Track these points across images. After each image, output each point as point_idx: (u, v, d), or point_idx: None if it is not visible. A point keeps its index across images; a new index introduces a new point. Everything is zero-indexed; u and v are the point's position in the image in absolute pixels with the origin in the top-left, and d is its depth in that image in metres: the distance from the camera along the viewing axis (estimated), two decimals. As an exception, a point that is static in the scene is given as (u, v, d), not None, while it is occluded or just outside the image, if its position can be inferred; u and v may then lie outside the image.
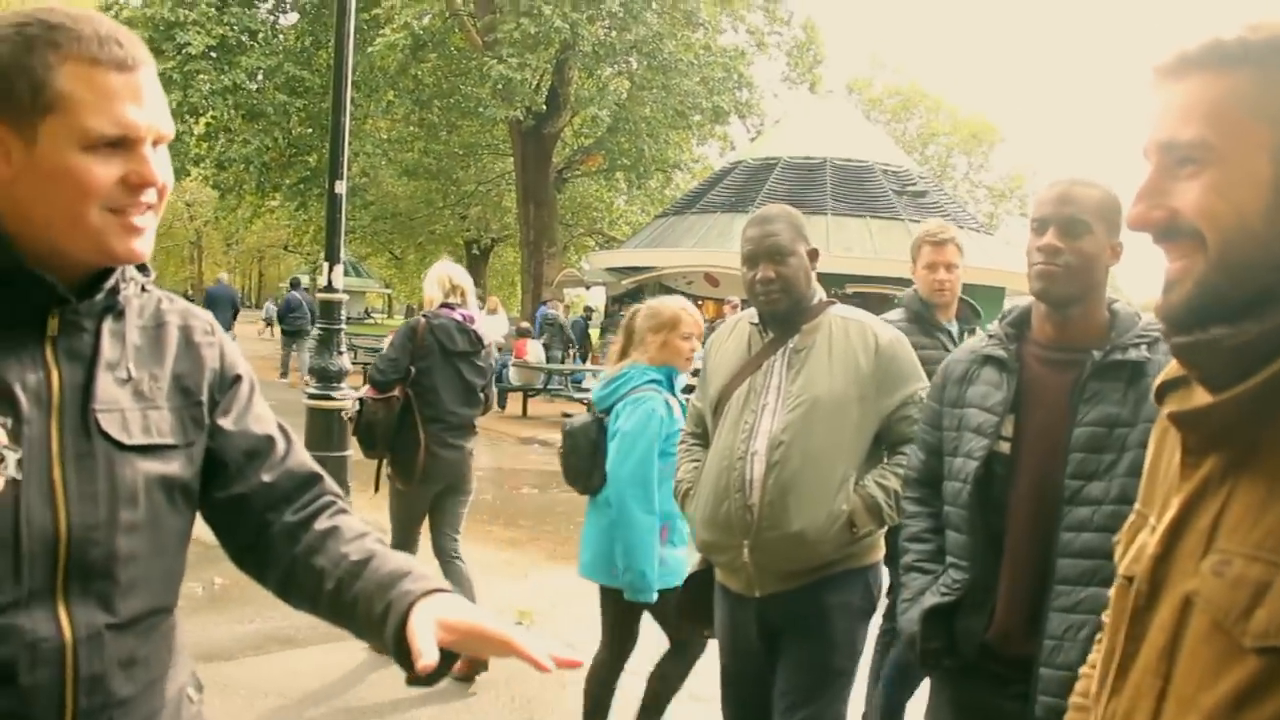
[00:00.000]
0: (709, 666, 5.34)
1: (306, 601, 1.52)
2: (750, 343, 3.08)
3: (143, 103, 1.30)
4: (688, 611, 3.38)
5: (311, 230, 34.57)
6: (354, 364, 16.66)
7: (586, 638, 5.85)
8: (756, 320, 3.08)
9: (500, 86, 22.78)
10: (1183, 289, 1.10)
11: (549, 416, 17.67)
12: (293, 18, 28.37)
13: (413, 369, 5.28)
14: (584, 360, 24.47)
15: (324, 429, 7.81)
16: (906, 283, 17.78)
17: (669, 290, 22.91)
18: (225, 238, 62.81)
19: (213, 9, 24.45)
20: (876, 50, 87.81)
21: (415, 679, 1.32)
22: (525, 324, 20.74)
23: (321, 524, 1.53)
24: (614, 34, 23.38)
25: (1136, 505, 1.26)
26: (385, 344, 5.72)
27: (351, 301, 48.61)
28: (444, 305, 5.42)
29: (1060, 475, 2.21)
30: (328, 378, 8.00)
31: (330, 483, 1.61)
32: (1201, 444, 1.11)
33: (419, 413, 5.31)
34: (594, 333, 26.36)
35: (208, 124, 26.21)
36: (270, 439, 1.57)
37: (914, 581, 2.51)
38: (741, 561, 2.91)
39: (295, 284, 23.61)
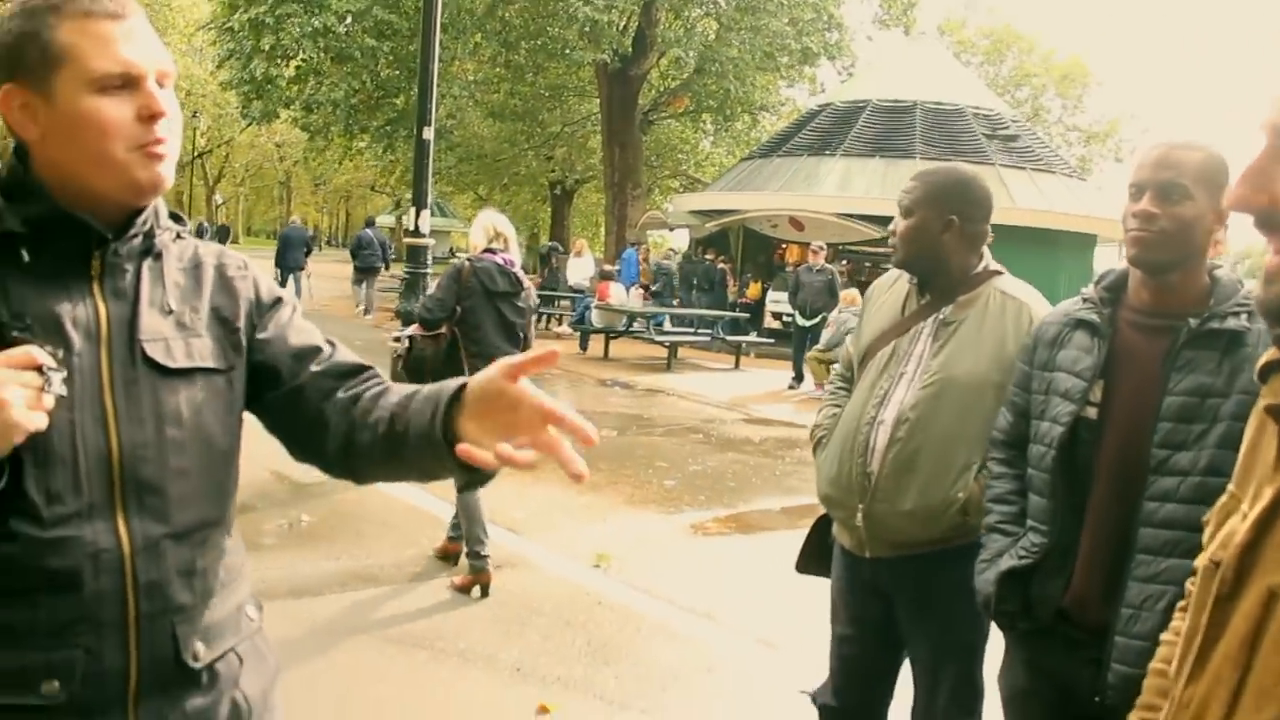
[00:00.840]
0: (780, 614, 5.39)
1: (366, 456, 1.59)
2: (905, 302, 2.99)
3: (136, 44, 1.43)
4: (810, 555, 3.35)
5: (398, 171, 34.94)
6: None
7: (663, 583, 5.94)
8: (914, 279, 2.98)
9: (587, 29, 22.70)
10: None
11: (630, 359, 17.76)
12: (381, -40, 28.44)
13: (458, 309, 5.71)
14: (670, 303, 24.47)
15: (409, 371, 7.90)
16: (994, 229, 17.42)
17: (753, 234, 22.77)
18: (314, 178, 63.73)
19: (304, -47, 24.63)
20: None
21: (467, 484, 1.51)
22: (609, 266, 20.74)
23: (372, 390, 1.64)
24: (702, -27, 23.09)
25: (1230, 487, 1.22)
26: (433, 285, 6.14)
27: (436, 241, 49.06)
28: (487, 250, 5.86)
29: (1147, 444, 2.16)
30: (414, 321, 8.08)
31: (379, 371, 1.71)
32: None
33: (465, 349, 5.73)
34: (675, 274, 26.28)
35: (297, 67, 26.48)
36: (316, 345, 1.69)
37: (994, 543, 2.48)
38: (855, 523, 2.90)
39: (370, 222, 24.69)
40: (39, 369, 1.29)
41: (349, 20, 25.69)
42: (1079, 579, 2.29)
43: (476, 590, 5.54)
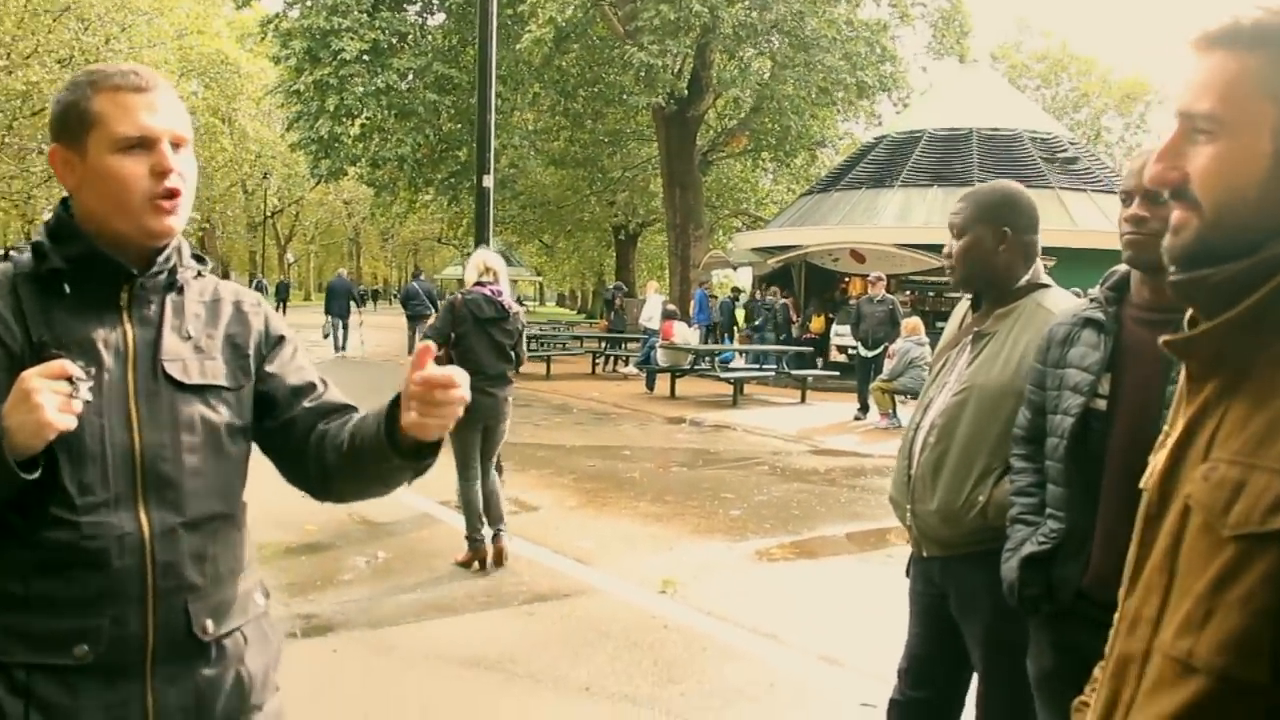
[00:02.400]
0: (844, 632, 5.51)
1: (335, 475, 1.89)
2: (964, 319, 3.20)
3: (157, 112, 1.73)
4: None
5: (465, 223, 35.55)
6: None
7: (729, 606, 6.08)
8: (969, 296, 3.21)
9: (642, 73, 23.05)
10: (1184, 236, 1.24)
11: (696, 396, 17.91)
12: (440, 18, 29.23)
13: (454, 334, 6.68)
14: (730, 340, 24.62)
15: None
16: (1056, 252, 17.31)
17: (815, 269, 22.87)
18: (381, 232, 65.01)
19: (364, 15, 25.42)
20: (1023, 14, 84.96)
21: (415, 472, 1.79)
22: (672, 306, 20.95)
23: (342, 420, 1.93)
24: (754, 14, 23.36)
25: (1165, 426, 1.39)
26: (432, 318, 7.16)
27: (504, 290, 49.61)
28: (478, 284, 6.83)
29: (1154, 431, 2.28)
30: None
31: (359, 409, 1.99)
32: (1202, 370, 1.26)
33: (461, 368, 6.19)
34: (739, 313, 26.45)
35: (362, 125, 27.24)
36: (311, 383, 1.98)
37: (1017, 533, 2.62)
38: (909, 523, 3.12)
39: (416, 274, 26.71)
40: (69, 379, 1.57)
41: (410, 77, 26.43)
42: (1096, 560, 2.43)
43: (476, 564, 6.64)
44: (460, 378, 1.66)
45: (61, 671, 1.65)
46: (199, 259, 1.92)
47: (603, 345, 24.39)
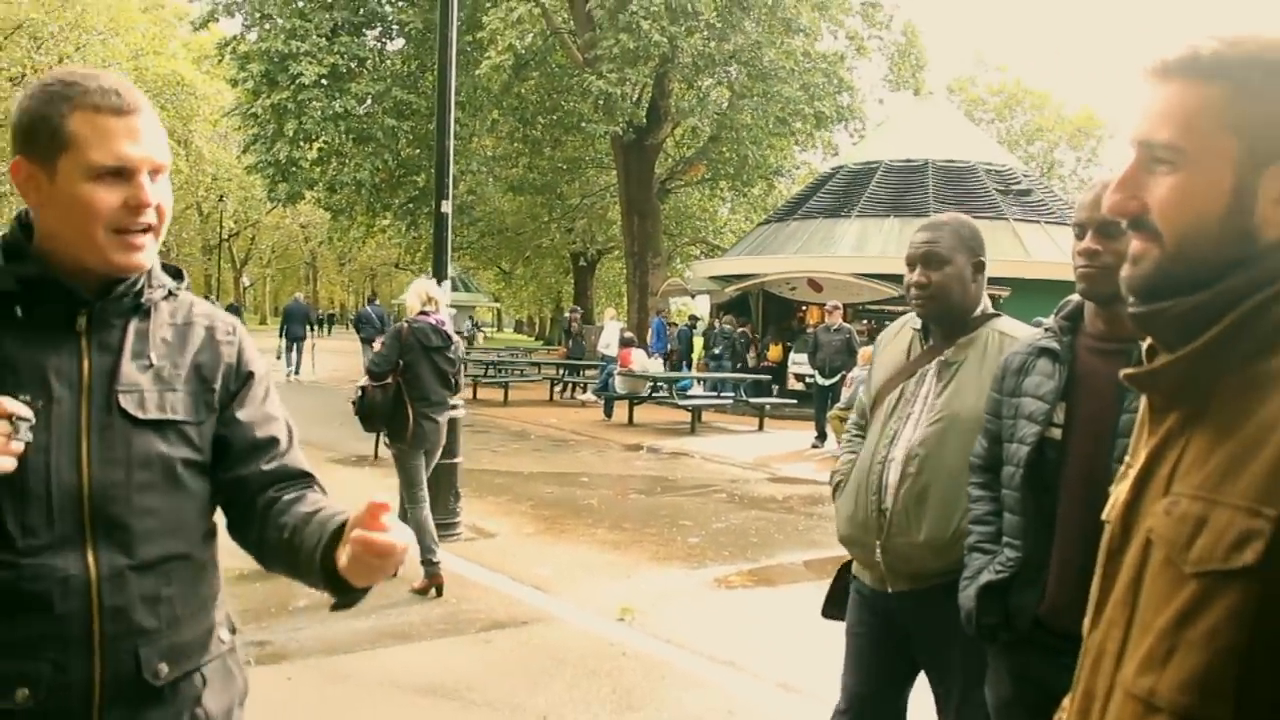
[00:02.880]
0: (802, 660, 5.51)
1: (272, 554, 1.80)
2: (910, 347, 3.16)
3: (138, 140, 1.62)
4: (835, 599, 3.49)
5: (422, 248, 35.39)
6: (465, 377, 17.10)
7: (687, 634, 6.08)
8: (917, 325, 3.17)
9: (601, 102, 23.13)
10: (1144, 267, 1.25)
11: (655, 423, 17.92)
12: (399, 44, 29.19)
13: (400, 362, 6.87)
14: (688, 368, 24.67)
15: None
16: (1010, 282, 17.57)
17: (773, 297, 22.99)
18: (339, 257, 64.55)
19: (323, 39, 25.35)
20: (979, 49, 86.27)
21: (338, 604, 1.70)
22: (630, 334, 20.99)
23: (290, 496, 1.82)
24: (713, 44, 23.51)
25: (1127, 458, 1.39)
26: (378, 345, 7.66)
27: (460, 315, 49.59)
28: (421, 313, 7.02)
29: (1107, 459, 2.33)
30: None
31: (317, 481, 1.90)
32: (1163, 402, 1.27)
33: (408, 394, 6.87)
34: (698, 341, 26.53)
35: (320, 149, 27.13)
36: (274, 439, 1.86)
37: (974, 561, 2.64)
38: (874, 559, 3.04)
39: (370, 299, 27.34)
40: (9, 418, 1.50)
41: (369, 102, 26.32)
42: (1052, 589, 2.45)
43: (433, 590, 6.62)
44: (402, 544, 1.52)
45: (4, 716, 1.57)
46: (176, 274, 1.82)
47: (561, 372, 24.36)
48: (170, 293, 1.80)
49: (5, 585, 1.56)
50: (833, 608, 3.48)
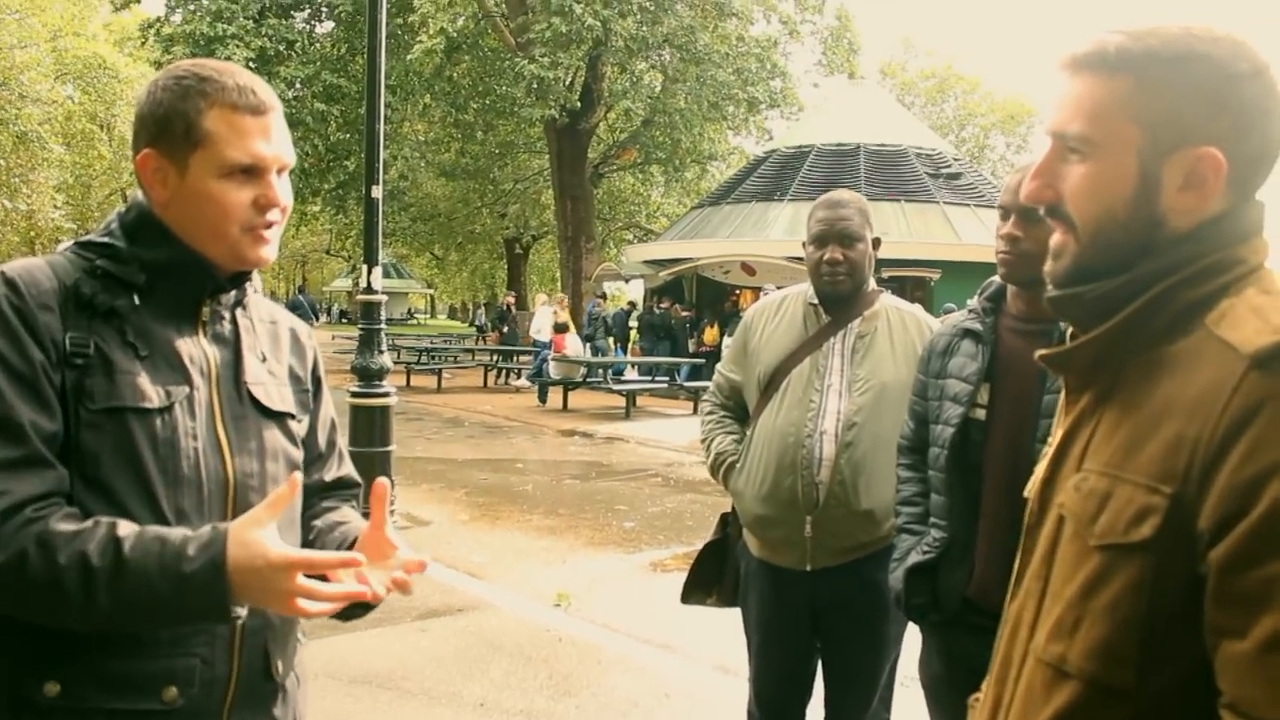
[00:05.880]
0: (738, 642, 5.54)
1: None
2: (805, 321, 3.16)
3: (270, 139, 1.61)
4: (697, 579, 3.53)
5: (352, 234, 35.11)
6: (396, 363, 17.00)
7: (623, 618, 6.09)
8: (814, 300, 3.16)
9: (534, 86, 23.04)
10: (1064, 261, 1.31)
11: (590, 409, 17.93)
12: (328, 26, 28.86)
13: None
14: (623, 353, 24.70)
15: (367, 425, 8.06)
16: (941, 265, 17.79)
17: (707, 281, 23.08)
18: (269, 244, 63.55)
19: (251, 22, 24.98)
20: (909, 33, 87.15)
21: (345, 615, 1.64)
22: (564, 318, 20.95)
23: (332, 503, 1.89)
24: (645, 28, 23.51)
25: (1049, 437, 1.45)
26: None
27: (394, 302, 49.27)
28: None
29: (1031, 439, 2.37)
30: (369, 375, 8.25)
31: (355, 484, 1.96)
32: (1078, 383, 1.32)
33: None
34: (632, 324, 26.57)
35: (249, 133, 26.70)
36: (338, 447, 1.93)
37: (903, 543, 2.68)
38: (800, 536, 3.03)
39: (301, 290, 27.29)
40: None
41: (298, 85, 25.99)
42: (980, 569, 2.49)
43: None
44: (419, 565, 1.59)
45: (146, 717, 1.52)
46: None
47: (495, 358, 24.26)
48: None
49: None
50: (691, 593, 3.52)
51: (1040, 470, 1.36)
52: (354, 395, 8.18)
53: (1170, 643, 1.13)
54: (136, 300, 1.58)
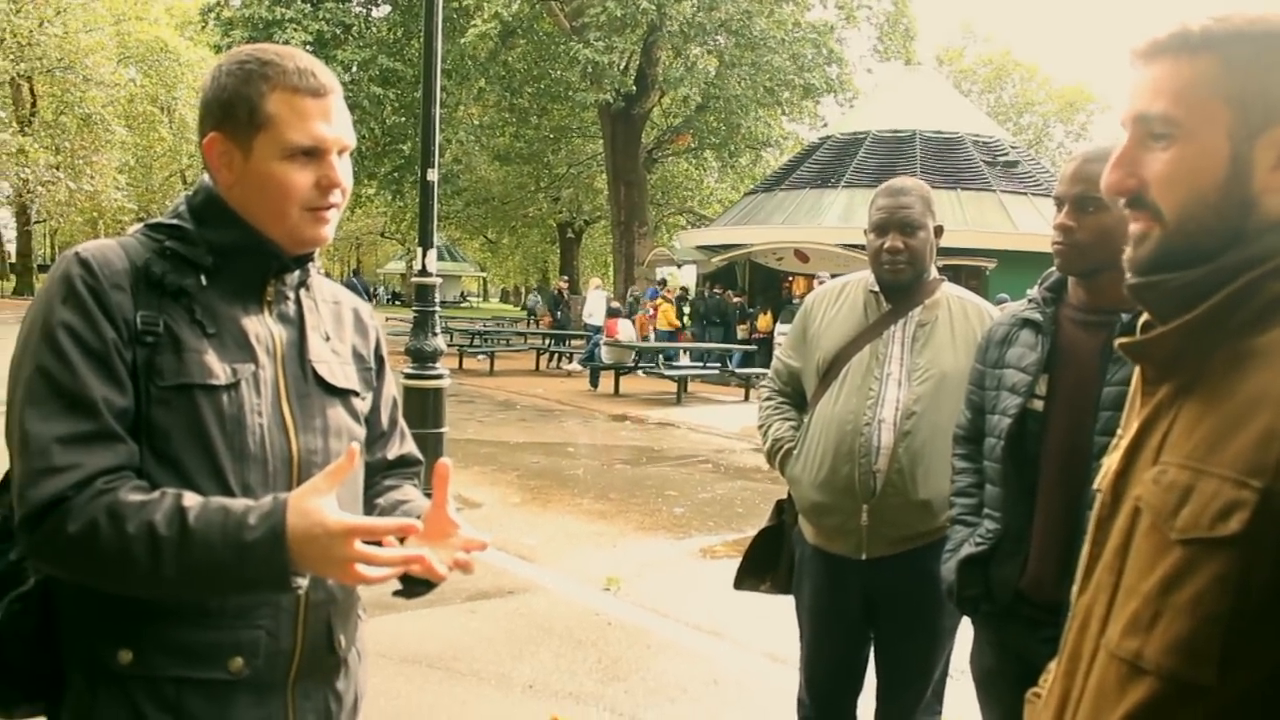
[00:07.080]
0: (787, 629, 5.53)
1: None
2: (866, 309, 3.13)
3: (331, 121, 1.63)
4: (751, 565, 3.53)
5: (407, 217, 35.34)
6: (449, 345, 17.12)
7: (672, 603, 6.10)
8: (875, 287, 3.13)
9: (589, 70, 23.03)
10: (1147, 247, 1.27)
11: (641, 394, 17.95)
12: (384, 10, 28.98)
13: None
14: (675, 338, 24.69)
15: (420, 407, 8.13)
16: (997, 254, 17.56)
17: (759, 267, 22.99)
18: (325, 226, 64.17)
19: (308, 6, 25.16)
20: (968, 19, 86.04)
21: (404, 593, 1.73)
22: (617, 303, 20.97)
23: (394, 480, 1.92)
24: (702, 13, 23.41)
25: (1119, 430, 1.42)
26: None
27: (446, 285, 49.54)
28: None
29: (1089, 432, 2.33)
30: (423, 358, 8.33)
31: (415, 461, 1.99)
32: (1156, 374, 1.29)
33: None
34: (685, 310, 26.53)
35: (305, 117, 26.92)
36: (400, 425, 1.96)
37: (956, 534, 2.65)
38: (856, 524, 3.00)
39: (355, 271, 27.44)
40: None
41: (355, 69, 26.16)
42: (1034, 562, 2.46)
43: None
44: (480, 544, 1.62)
45: (213, 686, 1.56)
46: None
47: (547, 342, 24.34)
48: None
49: None
50: (753, 579, 3.51)
51: (1113, 462, 1.33)
52: (407, 377, 8.25)
53: (1254, 640, 1.10)
54: (204, 280, 1.61)
